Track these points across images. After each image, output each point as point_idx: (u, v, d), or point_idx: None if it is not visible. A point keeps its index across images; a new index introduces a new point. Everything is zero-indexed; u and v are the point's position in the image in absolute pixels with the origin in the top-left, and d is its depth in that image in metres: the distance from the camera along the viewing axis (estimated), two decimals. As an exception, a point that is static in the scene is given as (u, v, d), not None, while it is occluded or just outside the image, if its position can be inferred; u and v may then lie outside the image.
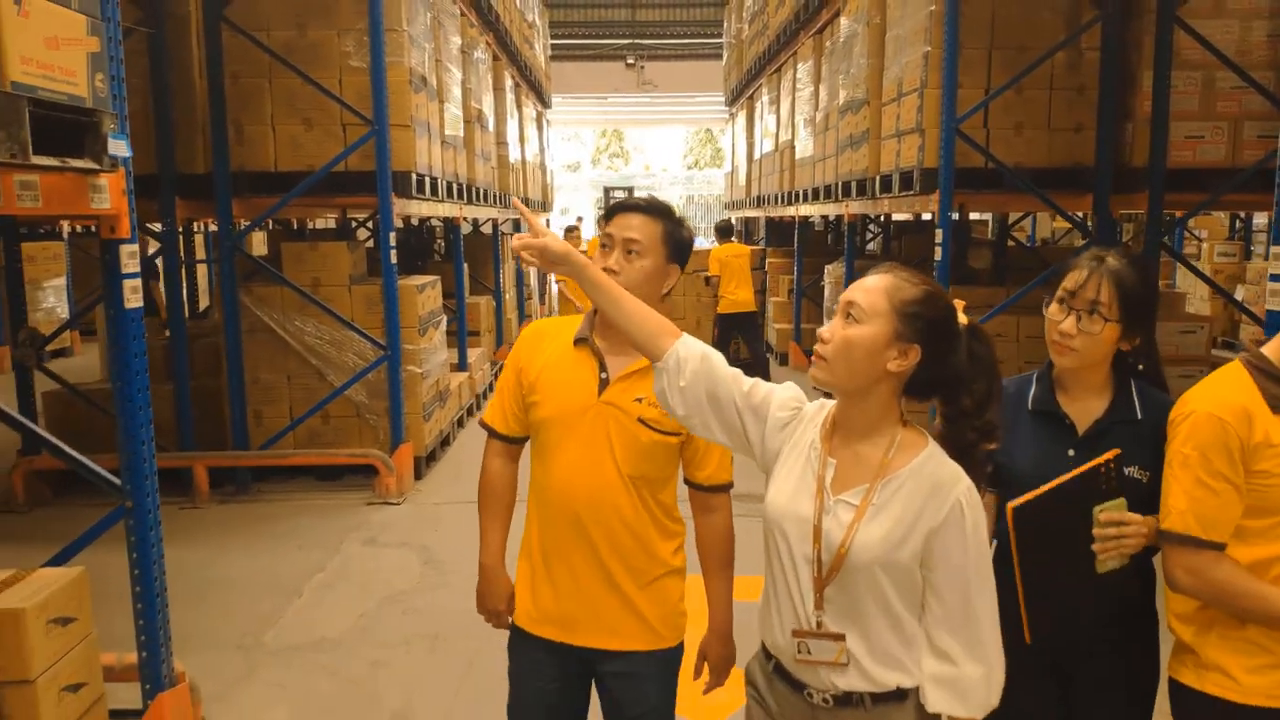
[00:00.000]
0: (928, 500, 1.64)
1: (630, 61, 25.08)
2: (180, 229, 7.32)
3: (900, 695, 1.69)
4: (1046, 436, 1.96)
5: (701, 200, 36.78)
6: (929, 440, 1.70)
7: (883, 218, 11.42)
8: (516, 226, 12.39)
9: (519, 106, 12.43)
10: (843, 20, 8.29)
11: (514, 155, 11.58)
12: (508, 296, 12.06)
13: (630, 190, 27.93)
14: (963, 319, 1.70)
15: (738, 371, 1.79)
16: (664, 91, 25.73)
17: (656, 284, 2.08)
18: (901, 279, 1.67)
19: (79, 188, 2.61)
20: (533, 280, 14.87)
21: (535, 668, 2.16)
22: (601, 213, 2.01)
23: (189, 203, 6.19)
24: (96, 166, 2.61)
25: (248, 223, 6.67)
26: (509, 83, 11.39)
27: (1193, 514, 1.72)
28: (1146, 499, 1.84)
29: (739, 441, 1.79)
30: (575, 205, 34.63)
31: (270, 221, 8.17)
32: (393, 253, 6.08)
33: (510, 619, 2.22)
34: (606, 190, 27.79)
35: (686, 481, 2.17)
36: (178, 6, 6.08)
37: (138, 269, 2.94)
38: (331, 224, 9.21)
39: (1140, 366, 1.99)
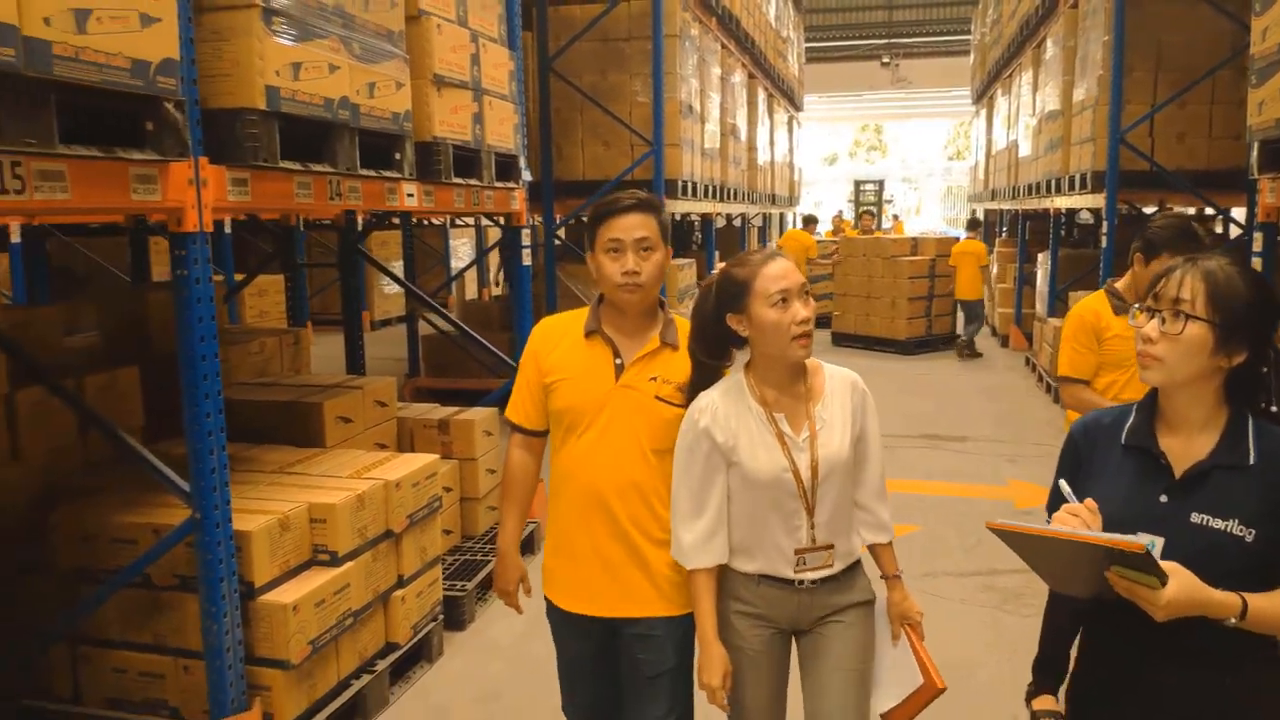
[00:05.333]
0: (850, 398, 2.14)
1: (885, 60, 26.17)
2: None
3: (856, 561, 2.20)
4: (1137, 476, 1.69)
5: (960, 191, 36.93)
6: (815, 359, 2.15)
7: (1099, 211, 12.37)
8: (765, 220, 14.34)
9: (770, 114, 14.32)
10: (1048, 40, 9.55)
11: (763, 158, 13.49)
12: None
13: (881, 184, 28.95)
14: None
15: (693, 496, 2.12)
16: (918, 88, 26.63)
17: (663, 272, 2.23)
18: (790, 257, 2.16)
19: (505, 198, 4.83)
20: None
21: (571, 636, 2.36)
22: (595, 216, 2.25)
23: (527, 204, 8.66)
24: (515, 186, 4.82)
25: (562, 217, 9.05)
26: (761, 95, 13.30)
27: (1069, 364, 3.34)
28: (1249, 565, 1.58)
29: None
30: (830, 199, 35.86)
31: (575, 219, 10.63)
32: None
33: (526, 597, 2.46)
34: (856, 184, 28.89)
35: None
36: (523, 60, 8.50)
37: (527, 246, 5.16)
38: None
39: (1274, 407, 1.70)
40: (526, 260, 5.13)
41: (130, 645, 3.16)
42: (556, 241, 8.62)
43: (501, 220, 5.29)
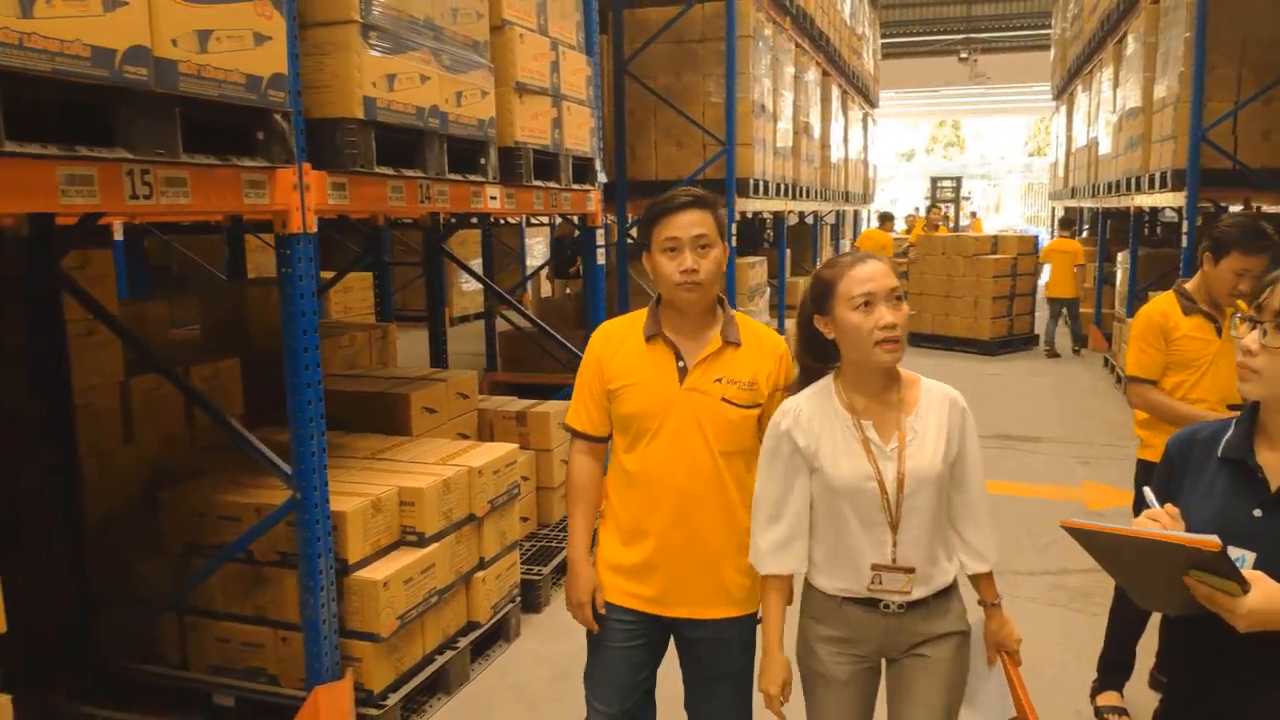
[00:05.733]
0: (947, 415, 2.03)
1: (964, 55, 25.75)
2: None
3: (949, 587, 2.08)
4: (1231, 489, 1.66)
5: (1041, 189, 36.14)
6: (914, 373, 2.08)
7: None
8: (838, 218, 14.30)
9: (844, 111, 14.27)
10: (1129, 36, 9.38)
11: (836, 155, 13.46)
12: (826, 278, 14.00)
13: (958, 181, 28.51)
14: None
15: (772, 509, 2.09)
16: (997, 83, 26.15)
17: (722, 269, 2.21)
18: (882, 259, 2.06)
19: (581, 199, 5.00)
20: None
21: (619, 632, 2.30)
22: (650, 215, 2.21)
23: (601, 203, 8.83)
24: (591, 187, 4.98)
25: (635, 217, 9.19)
26: (835, 92, 13.28)
27: (1137, 364, 3.37)
28: None
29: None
30: (906, 195, 35.42)
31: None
32: (733, 238, 8.29)
33: (600, 611, 2.32)
34: (933, 181, 28.50)
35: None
36: (598, 63, 8.68)
37: (601, 245, 5.32)
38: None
39: None
40: (600, 259, 5.29)
41: (233, 617, 3.40)
42: (629, 240, 8.78)
43: (577, 220, 5.45)
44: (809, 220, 14.58)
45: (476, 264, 16.02)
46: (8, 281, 3.50)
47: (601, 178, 5.11)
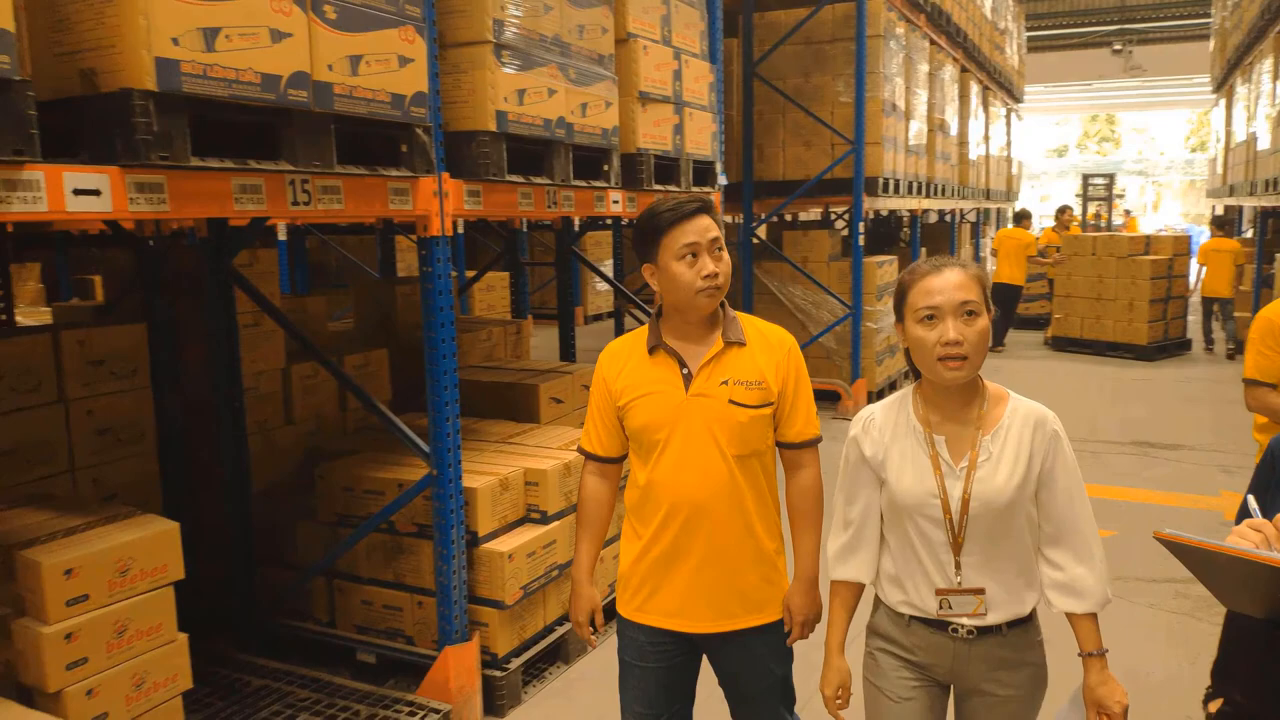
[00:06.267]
0: (1031, 436, 1.89)
1: (1117, 47, 24.62)
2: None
3: (1028, 618, 1.95)
4: None
5: (1204, 186, 34.11)
6: (1005, 389, 1.95)
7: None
8: (980, 216, 14.00)
9: (984, 107, 13.95)
10: (1291, 24, 8.88)
11: (976, 152, 13.19)
12: (962, 278, 13.73)
13: (1111, 178, 27.22)
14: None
15: (841, 512, 2.08)
16: (1153, 75, 24.89)
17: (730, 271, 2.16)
18: (965, 266, 1.90)
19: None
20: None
21: (644, 651, 2.25)
22: (658, 224, 2.13)
23: (725, 204, 8.98)
24: (711, 189, 5.17)
25: (761, 216, 9.33)
26: (975, 88, 13.02)
27: (1254, 367, 3.32)
28: None
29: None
30: (1057, 192, 34.05)
31: (776, 216, 10.87)
32: (861, 237, 8.32)
33: (599, 631, 2.35)
34: (1084, 178, 27.30)
35: (777, 443, 2.25)
36: (725, 66, 8.85)
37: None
38: (815, 217, 11.75)
39: None
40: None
41: (376, 582, 3.76)
42: (755, 241, 8.90)
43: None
44: (948, 219, 14.33)
45: (609, 264, 16.48)
46: (189, 278, 3.97)
47: (722, 179, 5.28)
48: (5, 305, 4.61)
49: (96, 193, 2.22)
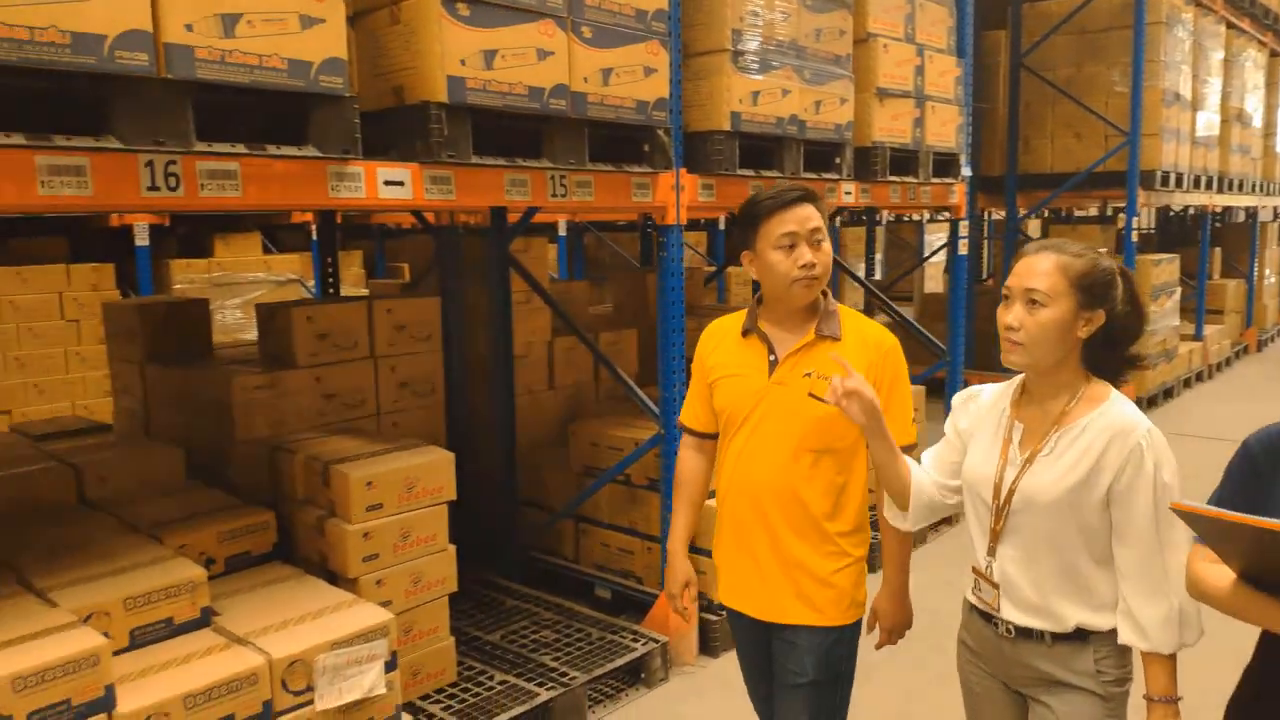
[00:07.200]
0: (1110, 445, 1.74)
1: None
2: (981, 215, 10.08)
3: (1081, 636, 1.80)
4: None
5: None
6: (1112, 392, 1.81)
7: None
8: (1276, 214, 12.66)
9: (1307, 93, 12.58)
10: None
11: (1287, 144, 11.95)
12: (1269, 281, 12.48)
13: None
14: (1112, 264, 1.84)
15: (925, 469, 2.05)
16: None
17: (831, 263, 2.13)
18: (1066, 255, 1.77)
19: (943, 192, 5.31)
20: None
21: (738, 633, 2.33)
22: (757, 211, 2.11)
23: (986, 196, 8.85)
24: (953, 181, 5.27)
25: (1025, 211, 9.08)
26: (1292, 73, 11.80)
27: None
28: None
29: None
30: None
31: (1046, 210, 10.49)
32: (1135, 233, 7.92)
33: (691, 604, 2.37)
34: None
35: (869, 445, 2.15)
36: (990, 57, 8.71)
37: (964, 237, 5.57)
38: (1092, 212, 11.18)
39: None
40: (963, 250, 5.54)
41: (613, 527, 4.28)
42: (1020, 235, 8.70)
43: (914, 215, 5.73)
44: (1264, 217, 13.05)
45: (862, 261, 16.37)
46: (475, 262, 4.68)
47: (966, 171, 5.36)
48: (334, 281, 5.59)
49: (401, 184, 2.83)
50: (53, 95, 2.12)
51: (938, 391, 5.78)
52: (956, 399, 2.03)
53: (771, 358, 2.15)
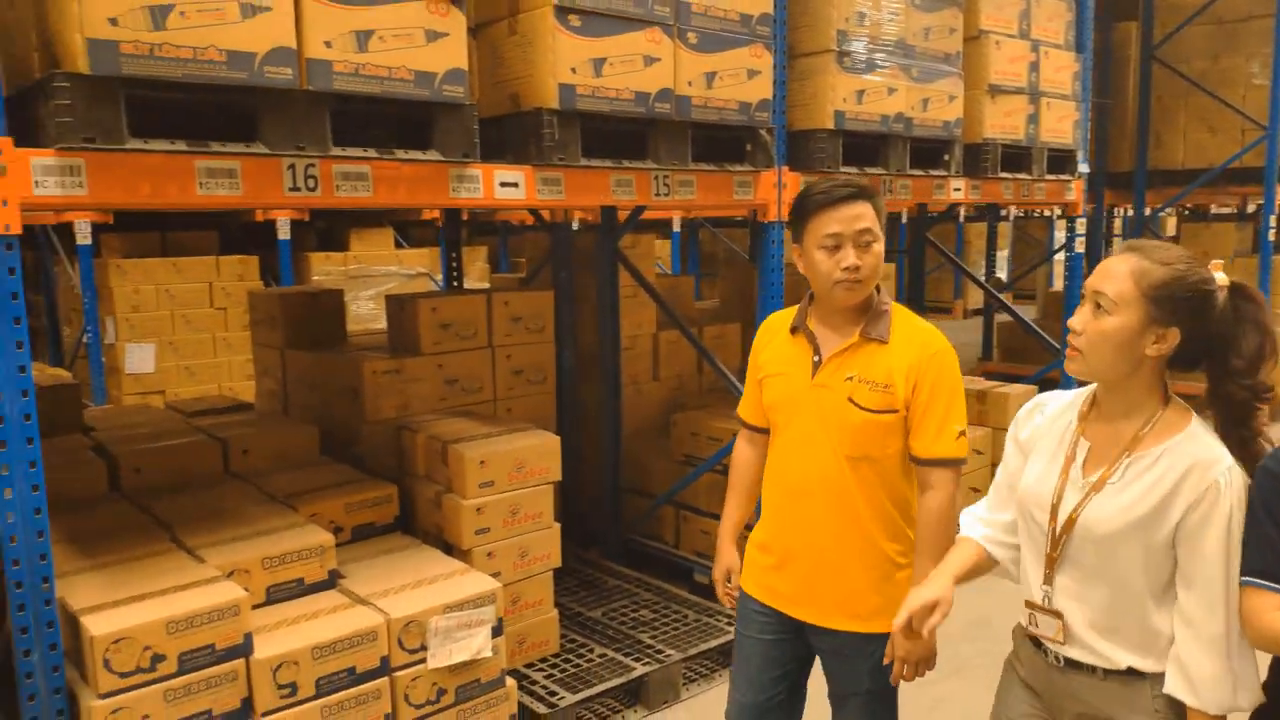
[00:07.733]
0: (1185, 479, 1.58)
1: None
2: (1105, 212, 9.76)
3: (1135, 675, 1.67)
4: None
5: None
6: (1193, 419, 1.65)
7: None
8: None
9: None
10: None
11: None
12: None
13: None
14: (1223, 279, 1.62)
15: (988, 521, 1.92)
16: None
17: (881, 264, 2.06)
18: (1148, 260, 1.60)
19: (1058, 189, 5.24)
20: None
21: (751, 619, 2.25)
22: (805, 207, 2.07)
23: (1114, 192, 8.60)
24: (1069, 178, 5.20)
25: (1154, 208, 8.76)
26: None
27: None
28: None
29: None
30: None
31: (1184, 207, 10.09)
32: (1272, 231, 7.57)
33: (734, 593, 2.34)
34: None
35: (910, 456, 2.09)
36: (1120, 50, 8.45)
37: (1080, 235, 5.47)
38: (1230, 209, 10.69)
39: None
40: (1079, 248, 5.44)
41: (711, 515, 4.42)
42: (1147, 232, 8.41)
43: (1044, 211, 5.65)
44: None
45: (983, 260, 15.96)
46: (586, 257, 4.88)
47: (1083, 167, 5.27)
48: (458, 274, 5.89)
49: (515, 185, 3.04)
50: (210, 106, 2.40)
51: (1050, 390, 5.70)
52: (1021, 410, 1.90)
53: (815, 358, 2.11)
